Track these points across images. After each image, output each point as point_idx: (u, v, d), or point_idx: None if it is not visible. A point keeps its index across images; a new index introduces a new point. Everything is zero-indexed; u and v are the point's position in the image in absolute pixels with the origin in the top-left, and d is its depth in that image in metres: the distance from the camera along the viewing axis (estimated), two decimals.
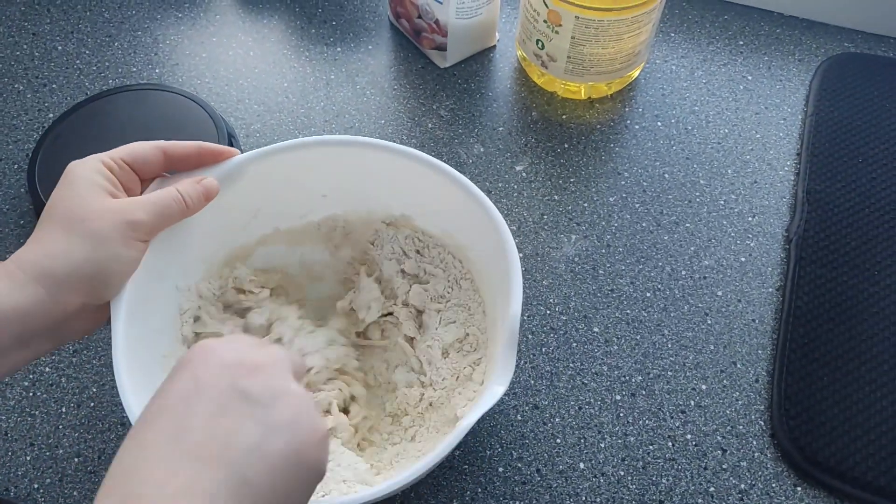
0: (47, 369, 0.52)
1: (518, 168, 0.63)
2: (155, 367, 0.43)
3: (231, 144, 0.59)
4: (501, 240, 0.44)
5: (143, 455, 0.28)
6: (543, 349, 0.54)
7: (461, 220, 0.48)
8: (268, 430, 0.30)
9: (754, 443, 0.50)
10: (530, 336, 0.54)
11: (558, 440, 0.50)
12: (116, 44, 0.70)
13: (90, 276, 0.38)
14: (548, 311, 0.55)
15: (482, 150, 0.64)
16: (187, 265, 0.47)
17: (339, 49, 0.70)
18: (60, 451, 0.49)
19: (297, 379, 0.34)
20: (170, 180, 0.44)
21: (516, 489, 0.48)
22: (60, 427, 0.50)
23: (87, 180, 0.39)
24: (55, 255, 0.37)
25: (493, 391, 0.38)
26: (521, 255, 0.58)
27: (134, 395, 0.38)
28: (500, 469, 0.49)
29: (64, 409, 0.51)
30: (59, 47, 0.70)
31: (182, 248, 0.46)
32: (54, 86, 0.67)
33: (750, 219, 0.60)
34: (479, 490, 0.48)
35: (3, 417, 0.50)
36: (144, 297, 0.42)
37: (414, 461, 0.43)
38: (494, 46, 0.71)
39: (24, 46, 0.70)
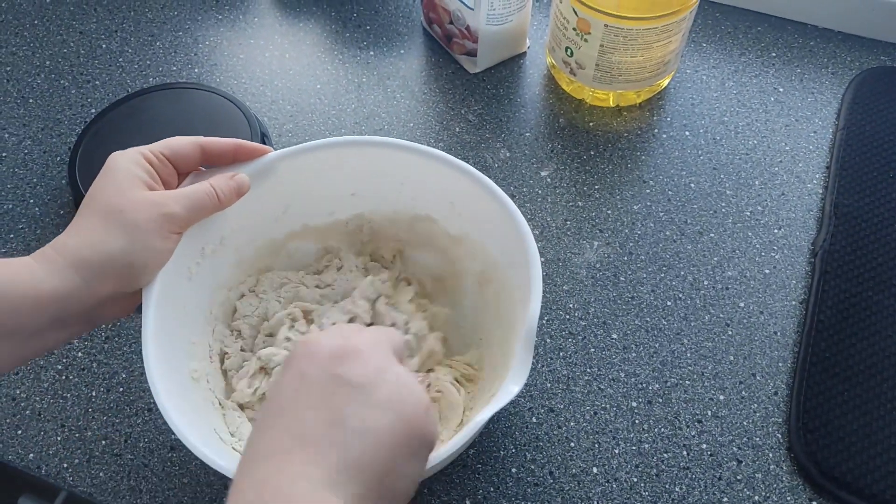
0: (80, 354, 0.54)
1: (543, 173, 0.63)
2: (182, 353, 0.45)
3: (264, 143, 0.61)
4: (524, 243, 0.44)
5: (263, 451, 0.31)
6: (561, 353, 0.54)
7: (484, 222, 0.48)
8: (371, 409, 0.31)
9: (770, 455, 0.50)
10: (549, 340, 0.55)
11: (572, 444, 0.50)
12: (158, 43, 0.73)
13: (124, 265, 0.39)
14: (567, 316, 0.56)
15: (508, 154, 0.64)
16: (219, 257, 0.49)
17: (371, 53, 0.72)
18: (89, 433, 0.51)
19: (398, 356, 0.36)
20: (204, 174, 0.45)
21: (528, 491, 0.49)
22: (90, 410, 0.52)
23: (127, 172, 0.41)
24: (92, 244, 0.39)
25: (508, 390, 0.39)
26: (542, 259, 0.58)
27: (161, 381, 0.40)
28: (514, 470, 0.49)
29: (94, 393, 0.53)
30: (104, 45, 0.73)
31: (215, 240, 0.47)
32: (97, 82, 0.70)
33: (776, 231, 0.60)
34: (492, 490, 0.49)
35: (37, 398, 0.52)
36: (175, 287, 0.43)
37: None
38: (524, 53, 0.72)
39: (72, 44, 0.73)
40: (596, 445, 0.50)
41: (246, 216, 0.48)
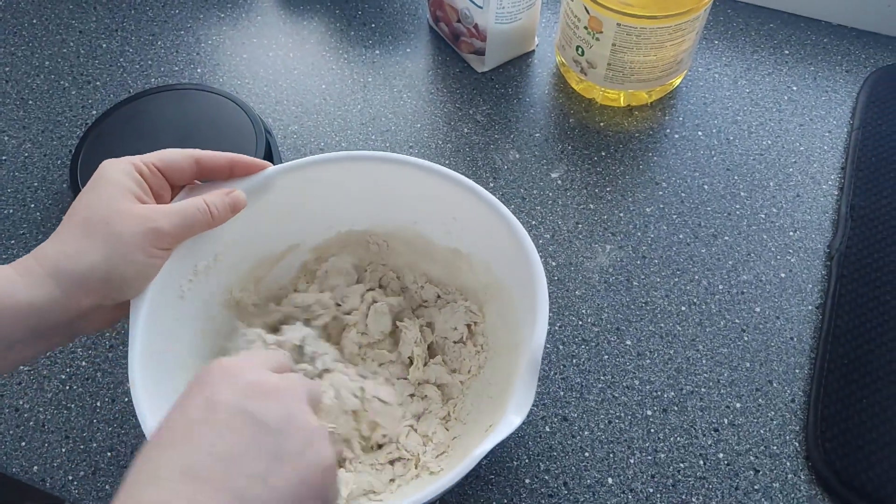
0: (84, 364, 0.53)
1: (554, 175, 0.62)
2: (173, 372, 0.43)
3: (268, 144, 0.60)
4: (531, 269, 0.42)
5: (152, 474, 0.29)
6: (574, 360, 0.53)
7: (488, 241, 0.47)
8: (274, 458, 0.30)
9: (788, 464, 0.49)
10: (561, 347, 0.54)
11: (587, 454, 0.49)
12: (159, 42, 0.71)
13: (105, 278, 0.38)
14: (579, 322, 0.55)
15: (518, 156, 0.63)
16: (215, 272, 0.48)
17: (377, 52, 0.70)
18: (94, 445, 0.50)
19: (312, 406, 0.34)
20: (200, 188, 0.44)
21: (542, 502, 0.48)
22: (95, 421, 0.51)
23: (117, 182, 0.39)
24: (72, 255, 0.37)
25: (510, 420, 0.37)
26: (553, 263, 0.57)
27: (148, 403, 0.38)
28: (527, 481, 0.48)
29: (99, 404, 0.52)
30: (104, 45, 0.71)
31: (208, 257, 0.46)
32: (98, 83, 0.69)
33: (791, 233, 0.59)
34: (506, 501, 0.48)
35: (41, 409, 0.51)
36: (166, 306, 0.42)
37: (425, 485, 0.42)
38: (533, 52, 0.70)
39: (71, 44, 0.72)
40: (611, 455, 0.49)
41: (242, 232, 0.47)
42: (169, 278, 0.42)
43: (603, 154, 0.63)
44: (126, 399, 0.52)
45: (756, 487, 0.48)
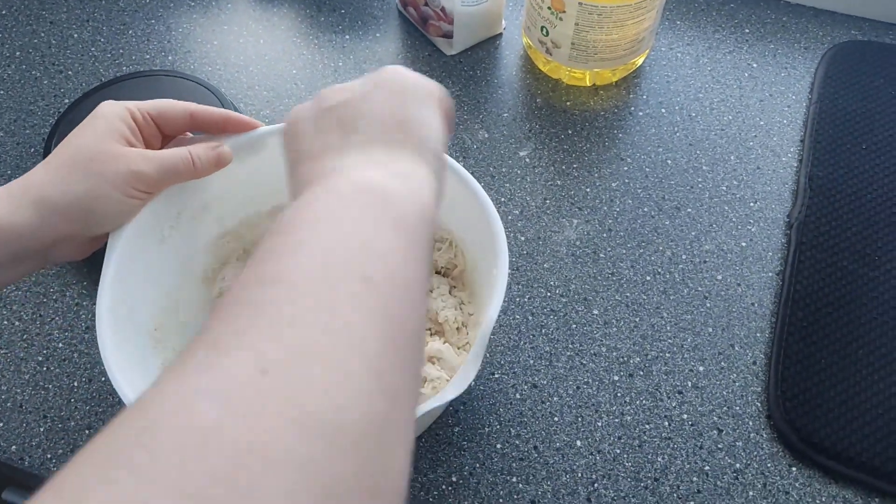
0: (60, 345, 0.54)
1: (522, 153, 0.64)
2: (144, 314, 0.44)
3: None
4: (496, 245, 0.43)
5: (313, 150, 0.33)
6: (543, 330, 0.54)
7: (458, 212, 0.48)
8: (364, 99, 0.34)
9: (750, 423, 0.50)
10: (531, 317, 0.55)
11: (556, 418, 0.51)
12: (131, 31, 0.72)
13: (84, 210, 0.40)
14: (548, 294, 0.56)
15: (487, 135, 0.65)
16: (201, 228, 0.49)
17: (347, 37, 0.71)
18: (72, 424, 0.51)
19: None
20: (189, 140, 0.45)
21: (514, 465, 0.49)
22: (72, 400, 0.52)
23: (109, 123, 0.41)
24: (56, 184, 0.39)
25: (444, 395, 0.37)
26: (522, 238, 0.59)
27: (113, 337, 0.39)
28: (499, 445, 0.50)
29: (76, 384, 0.52)
30: (76, 35, 0.72)
31: (196, 206, 0.47)
32: (70, 72, 0.69)
33: (752, 204, 0.60)
34: (477, 465, 0.49)
35: (18, 390, 0.52)
36: (144, 249, 0.43)
37: None
38: (500, 34, 0.72)
39: (42, 34, 0.72)
40: (579, 419, 0.51)
41: (233, 187, 0.48)
42: (152, 220, 0.43)
43: (570, 132, 0.65)
44: (103, 378, 0.53)
45: (720, 446, 0.50)
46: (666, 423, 0.50)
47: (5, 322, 0.55)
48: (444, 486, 0.48)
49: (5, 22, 0.73)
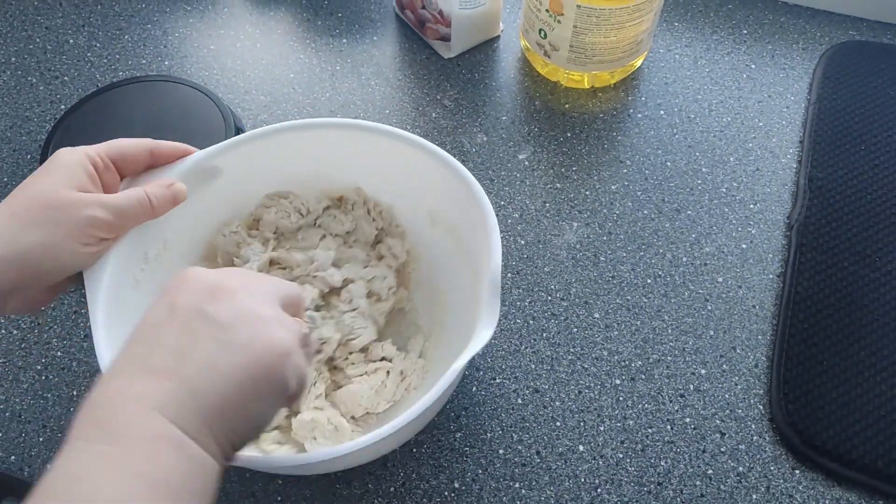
0: (59, 354, 0.54)
1: (521, 157, 0.63)
2: None
3: (238, 134, 0.60)
4: (476, 200, 0.45)
5: (114, 377, 0.31)
6: (544, 334, 0.54)
7: (437, 190, 0.49)
8: (224, 346, 0.31)
9: (753, 426, 0.50)
10: (531, 321, 0.55)
11: (558, 423, 0.51)
12: (126, 36, 0.72)
13: (33, 262, 0.38)
14: (549, 298, 0.56)
15: (485, 139, 0.64)
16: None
17: (344, 40, 0.71)
18: None
19: (288, 307, 0.35)
20: (142, 178, 0.45)
21: (516, 471, 0.49)
22: (72, 409, 0.51)
23: (67, 169, 0.40)
24: (6, 236, 0.38)
25: (482, 335, 0.40)
26: (522, 241, 0.59)
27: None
28: (501, 451, 0.50)
29: (75, 392, 0.52)
30: (71, 40, 0.71)
31: (157, 244, 0.47)
32: (66, 78, 0.69)
33: (752, 206, 0.60)
34: (480, 471, 0.49)
35: (17, 400, 0.52)
36: (122, 297, 0.43)
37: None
38: (498, 37, 0.72)
39: (37, 40, 0.72)
40: (581, 424, 0.51)
41: (186, 219, 0.48)
42: (123, 265, 0.43)
43: (568, 135, 0.65)
44: None
45: (722, 450, 0.50)
46: (668, 427, 0.50)
47: (3, 331, 0.55)
48: (446, 493, 0.48)
49: (0, 28, 0.72)
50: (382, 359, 0.50)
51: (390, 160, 0.50)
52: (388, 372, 0.49)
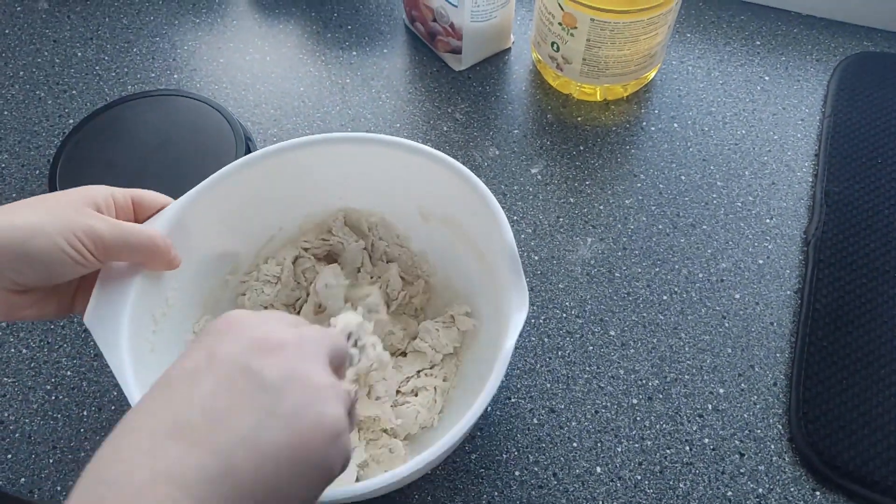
0: (69, 373, 0.53)
1: (533, 171, 0.63)
2: None
3: (248, 148, 0.60)
4: (477, 193, 0.46)
5: (137, 424, 0.27)
6: (559, 353, 0.54)
7: (427, 187, 0.49)
8: (267, 417, 0.27)
9: (772, 447, 0.50)
10: (546, 339, 0.54)
11: (575, 444, 0.50)
12: (135, 49, 0.71)
13: (20, 239, 0.36)
14: (563, 315, 0.55)
15: (497, 152, 0.64)
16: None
17: (354, 53, 0.71)
18: (83, 455, 0.50)
19: (335, 366, 0.32)
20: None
21: (533, 493, 0.48)
22: (82, 430, 0.51)
23: (88, 192, 0.40)
24: (6, 209, 0.37)
25: (517, 319, 0.40)
26: (536, 257, 0.58)
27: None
28: (517, 473, 0.49)
29: (85, 413, 0.51)
30: (79, 54, 0.71)
31: (161, 304, 0.46)
32: (74, 92, 0.68)
33: (767, 221, 0.60)
34: (496, 494, 0.48)
35: (27, 421, 0.51)
36: (142, 363, 0.41)
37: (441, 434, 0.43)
38: (509, 49, 0.71)
39: (45, 53, 0.71)
40: (598, 444, 0.50)
41: (185, 273, 0.47)
42: (135, 330, 0.42)
43: (581, 148, 0.64)
44: (113, 408, 0.52)
45: (742, 471, 0.49)
46: (687, 448, 0.50)
47: (13, 350, 0.54)
48: None
49: (8, 41, 0.72)
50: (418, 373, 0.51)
51: (376, 166, 0.50)
52: (435, 388, 0.50)
